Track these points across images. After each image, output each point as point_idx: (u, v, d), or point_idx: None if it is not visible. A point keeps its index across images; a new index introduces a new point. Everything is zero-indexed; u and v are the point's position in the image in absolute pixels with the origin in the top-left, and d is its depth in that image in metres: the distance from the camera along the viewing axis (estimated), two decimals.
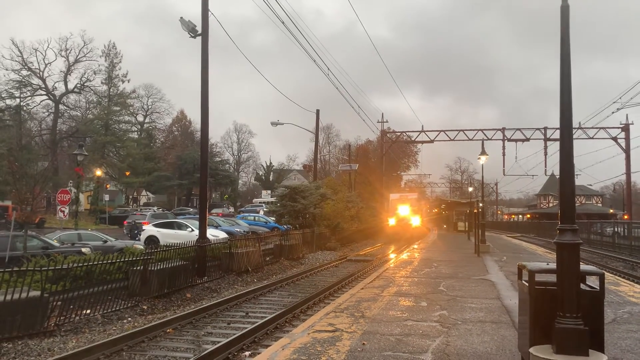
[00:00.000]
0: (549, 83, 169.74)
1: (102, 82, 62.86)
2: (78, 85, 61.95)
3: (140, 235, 30.36)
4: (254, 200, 76.48)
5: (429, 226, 58.16)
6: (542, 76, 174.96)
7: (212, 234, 24.85)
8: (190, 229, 27.12)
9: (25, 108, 60.30)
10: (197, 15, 17.98)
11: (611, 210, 77.43)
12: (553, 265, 5.48)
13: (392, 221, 45.78)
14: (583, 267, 5.37)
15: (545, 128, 45.75)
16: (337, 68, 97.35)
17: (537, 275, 5.43)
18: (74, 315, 10.81)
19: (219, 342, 9.03)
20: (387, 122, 54.89)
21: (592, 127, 44.72)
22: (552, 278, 5.35)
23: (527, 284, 5.46)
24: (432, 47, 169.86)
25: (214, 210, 52.30)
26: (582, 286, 5.30)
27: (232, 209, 65.53)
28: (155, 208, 59.69)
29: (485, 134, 45.20)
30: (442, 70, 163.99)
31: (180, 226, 28.75)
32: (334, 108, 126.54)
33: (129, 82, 65.48)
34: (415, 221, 47.38)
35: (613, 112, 41.17)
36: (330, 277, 19.05)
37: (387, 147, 55.42)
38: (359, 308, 9.44)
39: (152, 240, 26.91)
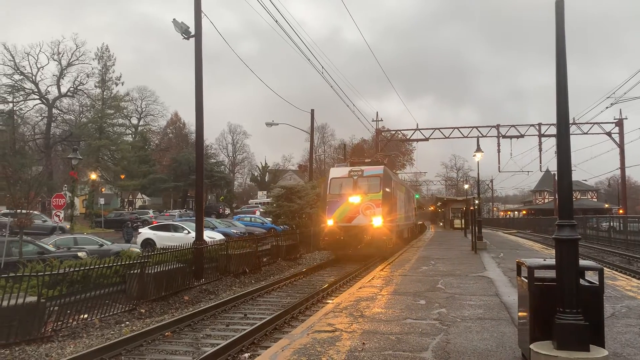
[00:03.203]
0: (525, 84, 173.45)
1: (95, 85, 62.56)
2: (71, 88, 61.69)
3: (133, 237, 30.29)
4: (250, 201, 76.34)
5: (415, 229, 38.60)
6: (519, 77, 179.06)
7: (209, 235, 24.79)
8: (186, 231, 27.05)
9: (18, 113, 60.00)
10: (187, 21, 17.88)
11: (606, 205, 77.75)
12: (551, 261, 5.48)
13: (330, 222, 22.74)
14: (582, 262, 5.38)
15: (540, 124, 45.87)
16: (331, 67, 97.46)
17: (536, 272, 5.44)
18: (71, 320, 10.74)
19: (218, 344, 9.00)
20: (381, 120, 54.90)
21: (587, 123, 44.89)
22: (551, 274, 5.36)
23: (526, 280, 5.46)
24: (409, 51, 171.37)
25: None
26: (581, 281, 5.31)
27: (228, 211, 65.40)
28: (179, 210, 59.62)
29: (480, 131, 45.25)
30: (421, 73, 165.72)
31: (176, 228, 28.67)
32: (327, 108, 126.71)
33: (122, 84, 65.18)
34: (378, 221, 22.32)
35: (607, 107, 41.38)
36: (328, 277, 19.03)
37: (382, 145, 55.44)
38: (357, 307, 9.42)
39: (148, 243, 26.84)
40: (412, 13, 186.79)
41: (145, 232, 28.98)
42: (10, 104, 58.71)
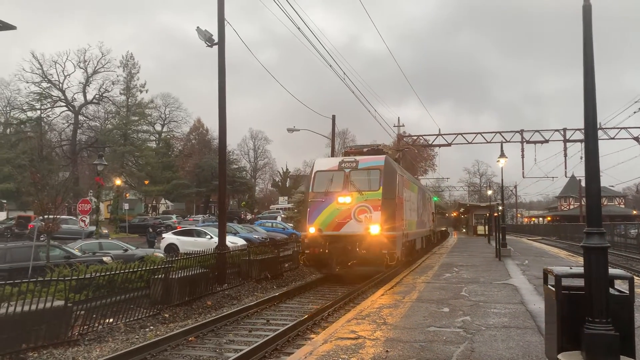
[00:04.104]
0: (544, 88, 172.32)
1: (120, 93, 63.77)
2: (97, 96, 62.92)
3: (157, 242, 30.67)
4: (271, 206, 76.65)
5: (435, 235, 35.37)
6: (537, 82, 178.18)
7: (231, 241, 24.94)
8: (209, 237, 27.26)
9: (45, 119, 61.44)
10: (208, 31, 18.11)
11: (634, 212, 76.15)
12: (578, 269, 5.39)
13: (312, 230, 17.50)
14: (611, 270, 5.26)
15: (565, 129, 45.10)
16: (352, 73, 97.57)
17: (563, 280, 5.34)
18: (97, 324, 10.90)
19: (241, 350, 9.03)
20: (403, 125, 54.66)
21: (613, 128, 44.00)
22: (579, 282, 5.26)
23: (553, 289, 5.36)
24: (425, 58, 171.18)
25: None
26: (611, 290, 5.20)
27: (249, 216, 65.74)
28: (202, 215, 60.34)
29: (503, 137, 44.68)
30: (438, 80, 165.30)
31: (199, 234, 28.91)
32: (346, 113, 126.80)
33: (147, 92, 66.29)
34: (375, 229, 16.86)
35: (635, 112, 40.49)
36: (350, 283, 18.95)
37: (404, 151, 55.14)
38: (380, 315, 9.37)
39: (171, 248, 27.13)
40: (428, 20, 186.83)
41: (168, 237, 29.29)
42: (39, 111, 60.18)
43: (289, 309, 13.91)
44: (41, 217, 18.65)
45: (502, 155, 25.33)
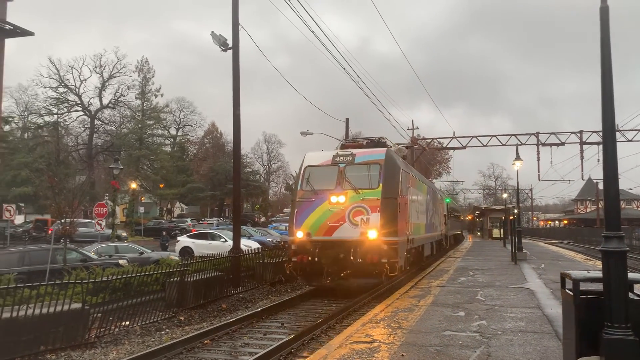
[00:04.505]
0: (557, 91, 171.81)
1: (135, 97, 64.32)
2: (112, 100, 63.58)
3: (171, 245, 30.88)
4: (285, 209, 76.70)
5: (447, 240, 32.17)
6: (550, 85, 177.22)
7: (245, 244, 25.02)
8: (223, 240, 27.38)
9: (62, 124, 62.18)
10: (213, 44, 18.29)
11: None
12: (596, 273, 5.33)
13: (300, 235, 15.33)
14: (630, 275, 5.20)
15: (582, 131, 44.63)
16: (365, 76, 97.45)
17: (581, 284, 5.28)
18: (113, 327, 10.99)
19: (256, 353, 9.04)
20: (417, 128, 54.50)
21: (631, 130, 43.45)
22: (597, 287, 5.20)
23: (571, 293, 5.31)
24: (437, 62, 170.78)
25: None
26: (630, 295, 5.13)
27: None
28: (217, 218, 60.68)
29: (518, 139, 44.33)
30: (450, 83, 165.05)
31: (213, 237, 29.04)
32: (359, 117, 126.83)
33: (162, 96, 66.84)
34: (373, 234, 14.56)
35: None
36: (364, 286, 18.89)
37: (418, 154, 54.98)
38: (395, 319, 9.34)
39: (186, 251, 27.28)
40: (439, 25, 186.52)
41: (183, 240, 29.46)
42: (55, 116, 60.93)
43: (304, 312, 13.90)
44: (62, 220, 18.86)
45: (518, 158, 25.14)
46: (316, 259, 14.79)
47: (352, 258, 14.44)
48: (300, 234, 15.21)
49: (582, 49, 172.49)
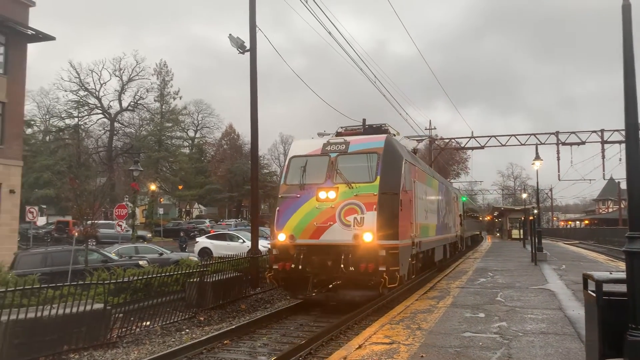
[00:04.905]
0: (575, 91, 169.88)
1: (154, 100, 65.06)
2: (132, 103, 64.34)
3: (189, 246, 31.15)
4: None
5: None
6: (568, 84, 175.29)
7: (263, 245, 25.12)
8: (241, 240, 27.54)
9: (83, 127, 63.12)
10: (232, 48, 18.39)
11: None
12: (619, 274, 5.26)
13: (282, 237, 13.07)
14: None
15: (602, 130, 43.96)
16: (383, 77, 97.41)
17: (604, 285, 5.22)
18: (134, 327, 11.12)
19: (275, 353, 9.09)
20: (434, 129, 54.23)
21: None
22: (620, 288, 5.13)
23: (594, 295, 5.24)
24: (453, 63, 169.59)
25: None
26: None
27: None
28: (235, 219, 61.12)
29: (538, 139, 43.85)
30: (466, 84, 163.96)
31: (232, 238, 29.23)
32: (375, 117, 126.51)
33: (180, 99, 67.48)
34: (368, 237, 12.25)
35: None
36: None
37: (436, 154, 54.68)
38: (414, 320, 9.31)
39: (205, 252, 27.50)
40: (455, 26, 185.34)
41: (202, 241, 29.71)
42: (76, 119, 61.90)
43: (322, 312, 13.91)
44: (89, 222, 19.15)
45: (537, 157, 24.86)
46: (300, 267, 12.57)
47: (342, 266, 12.17)
48: (282, 237, 13.00)
49: (602, 47, 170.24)
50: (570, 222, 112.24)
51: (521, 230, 40.00)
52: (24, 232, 34.76)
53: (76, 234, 19.82)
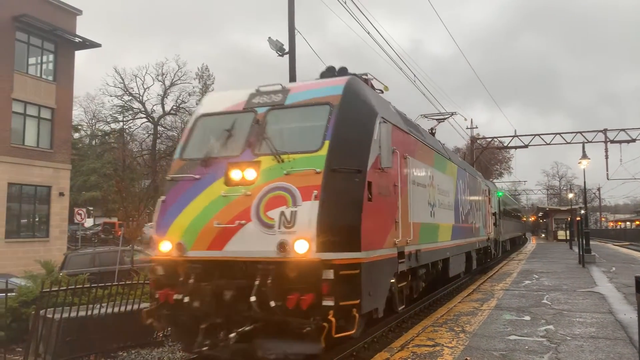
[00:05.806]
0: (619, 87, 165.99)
1: (196, 103, 66.06)
2: (174, 107, 65.68)
3: None
4: None
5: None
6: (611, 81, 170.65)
7: None
8: None
9: (127, 131, 64.93)
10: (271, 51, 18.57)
11: None
12: None
13: (166, 247, 7.42)
14: None
15: None
16: (422, 76, 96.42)
17: None
18: None
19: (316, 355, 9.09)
20: (476, 128, 53.34)
21: None
22: None
23: None
24: (490, 62, 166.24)
25: None
26: None
27: None
28: None
29: (584, 137, 42.52)
30: (504, 83, 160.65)
31: None
32: (412, 117, 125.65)
33: None
34: (303, 246, 6.58)
35: None
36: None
37: (478, 153, 53.77)
38: (458, 322, 9.18)
39: None
40: (490, 24, 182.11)
41: None
42: (121, 123, 63.73)
43: None
44: (145, 226, 19.72)
45: (585, 156, 24.17)
46: (188, 299, 7.03)
47: (254, 299, 6.65)
48: (166, 246, 7.55)
49: None
50: (619, 223, 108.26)
51: (567, 231, 38.86)
52: (73, 233, 36.01)
53: (117, 233, 20.45)
